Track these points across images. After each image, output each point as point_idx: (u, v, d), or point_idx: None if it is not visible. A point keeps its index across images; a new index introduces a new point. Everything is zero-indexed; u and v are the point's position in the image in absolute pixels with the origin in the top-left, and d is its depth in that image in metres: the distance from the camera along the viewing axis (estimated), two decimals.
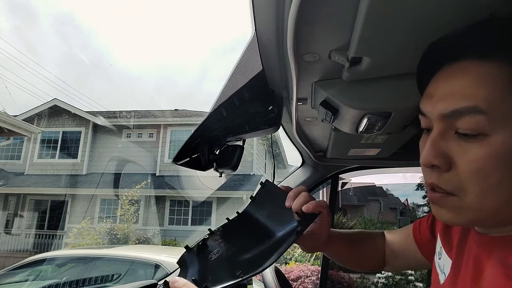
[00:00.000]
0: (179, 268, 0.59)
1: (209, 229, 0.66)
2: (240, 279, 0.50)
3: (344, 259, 0.79)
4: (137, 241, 8.82)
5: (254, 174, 10.94)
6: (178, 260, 0.60)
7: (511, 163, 0.39)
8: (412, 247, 0.70)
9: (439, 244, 0.59)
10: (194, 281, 0.52)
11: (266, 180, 0.71)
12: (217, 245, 0.62)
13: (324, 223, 0.65)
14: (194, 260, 0.59)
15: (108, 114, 12.40)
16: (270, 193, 0.68)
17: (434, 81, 0.45)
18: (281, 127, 0.87)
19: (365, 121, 0.69)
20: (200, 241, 0.62)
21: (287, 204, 0.62)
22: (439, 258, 0.57)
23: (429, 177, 0.45)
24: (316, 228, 0.66)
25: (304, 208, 0.59)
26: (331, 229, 0.71)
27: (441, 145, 0.43)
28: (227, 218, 0.68)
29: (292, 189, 0.65)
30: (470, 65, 0.41)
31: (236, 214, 0.69)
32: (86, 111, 11.88)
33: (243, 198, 9.86)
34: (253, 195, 0.70)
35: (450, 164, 0.42)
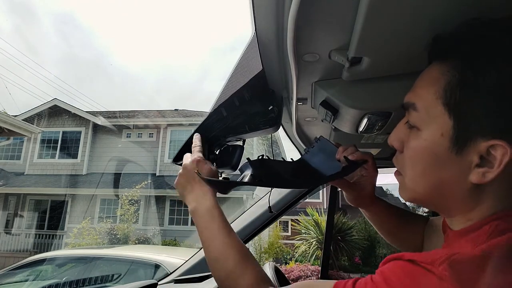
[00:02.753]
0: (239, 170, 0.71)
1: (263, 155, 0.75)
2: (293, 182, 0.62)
3: (385, 230, 0.83)
4: (137, 241, 8.82)
5: None
6: (241, 166, 0.72)
7: (433, 158, 0.44)
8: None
9: None
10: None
11: (321, 136, 0.77)
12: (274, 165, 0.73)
13: (369, 174, 0.72)
14: (252, 165, 0.69)
15: (108, 114, 12.40)
16: (323, 147, 0.75)
17: None
18: (281, 127, 0.87)
19: (365, 121, 0.69)
20: (260, 156, 0.72)
21: (337, 156, 0.69)
22: None
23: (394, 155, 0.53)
24: (361, 178, 0.73)
25: (350, 156, 0.67)
26: (380, 199, 0.78)
27: (401, 131, 0.50)
28: (282, 158, 0.77)
29: (341, 145, 0.73)
30: (432, 66, 0.46)
31: (290, 160, 0.78)
32: (86, 111, 11.88)
33: (243, 198, 9.86)
34: (307, 148, 0.77)
35: (403, 148, 0.50)
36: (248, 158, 0.69)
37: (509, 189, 0.43)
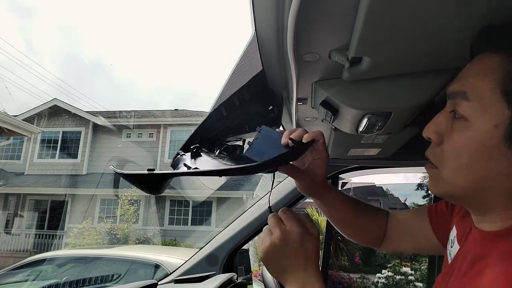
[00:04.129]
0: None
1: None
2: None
3: (340, 221, 0.78)
4: (137, 241, 8.82)
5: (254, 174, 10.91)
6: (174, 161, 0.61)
7: (481, 150, 0.42)
8: (426, 229, 0.70)
9: (453, 233, 0.60)
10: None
11: (263, 125, 0.69)
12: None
13: (321, 156, 0.64)
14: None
15: (108, 114, 12.40)
16: (267, 137, 0.66)
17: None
18: (281, 127, 0.87)
19: (365, 121, 0.68)
20: (195, 146, 0.61)
21: (283, 141, 0.61)
22: (451, 247, 0.58)
23: (428, 148, 0.51)
24: (313, 163, 0.65)
25: (299, 137, 0.59)
26: (333, 187, 0.72)
27: (441, 122, 0.48)
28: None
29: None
30: (486, 56, 0.44)
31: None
32: (86, 111, 11.88)
33: (243, 198, 9.85)
34: (250, 141, 0.69)
35: (441, 140, 0.48)
36: (179, 152, 0.61)
37: None
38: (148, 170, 0.52)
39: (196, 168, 0.53)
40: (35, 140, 11.34)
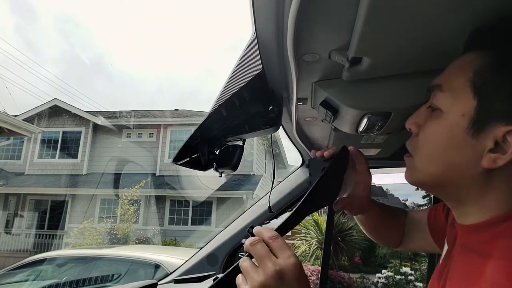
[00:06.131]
0: None
1: None
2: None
3: (375, 230, 0.82)
4: (137, 241, 8.82)
5: (254, 174, 10.92)
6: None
7: (447, 138, 0.46)
8: (425, 228, 0.73)
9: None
10: None
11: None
12: None
13: (363, 182, 0.70)
14: None
15: (108, 114, 12.40)
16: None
17: None
18: (281, 127, 0.87)
19: (365, 121, 0.68)
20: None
21: (318, 154, 0.69)
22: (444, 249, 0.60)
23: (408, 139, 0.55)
24: (357, 189, 0.71)
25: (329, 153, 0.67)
26: (375, 201, 0.76)
27: (421, 114, 0.51)
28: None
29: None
30: (466, 55, 0.47)
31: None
32: (86, 111, 11.88)
33: (243, 198, 9.85)
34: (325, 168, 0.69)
35: (419, 131, 0.51)
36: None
37: None
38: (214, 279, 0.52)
39: None
40: (35, 140, 11.35)
